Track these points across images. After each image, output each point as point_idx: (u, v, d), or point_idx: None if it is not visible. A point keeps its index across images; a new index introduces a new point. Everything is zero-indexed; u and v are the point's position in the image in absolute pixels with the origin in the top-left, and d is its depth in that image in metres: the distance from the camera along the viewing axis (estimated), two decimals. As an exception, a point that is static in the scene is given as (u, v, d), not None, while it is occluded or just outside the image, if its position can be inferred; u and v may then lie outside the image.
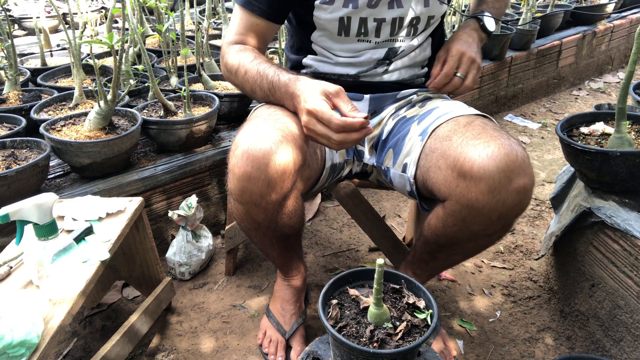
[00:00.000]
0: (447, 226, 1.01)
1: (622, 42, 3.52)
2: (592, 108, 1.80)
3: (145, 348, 1.30)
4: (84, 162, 1.41)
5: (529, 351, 1.28)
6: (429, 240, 1.08)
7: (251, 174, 0.95)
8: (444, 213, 1.01)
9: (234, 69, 1.12)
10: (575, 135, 1.25)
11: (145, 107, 1.70)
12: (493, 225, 0.98)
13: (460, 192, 0.94)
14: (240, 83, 1.13)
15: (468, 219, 0.97)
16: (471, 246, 1.06)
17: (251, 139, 0.96)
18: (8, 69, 1.82)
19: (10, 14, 3.64)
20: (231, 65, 1.12)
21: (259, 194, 0.97)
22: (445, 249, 1.08)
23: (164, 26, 1.88)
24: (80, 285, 0.92)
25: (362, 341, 0.80)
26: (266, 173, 0.95)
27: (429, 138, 1.07)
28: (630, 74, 1.07)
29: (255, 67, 1.08)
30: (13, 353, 0.76)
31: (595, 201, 1.18)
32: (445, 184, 0.98)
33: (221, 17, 2.36)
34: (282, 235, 1.10)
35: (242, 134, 1.00)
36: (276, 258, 1.22)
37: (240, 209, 1.04)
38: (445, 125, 1.06)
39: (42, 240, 0.88)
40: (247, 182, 0.96)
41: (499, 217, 0.95)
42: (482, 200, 0.92)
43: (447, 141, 1.01)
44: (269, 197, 0.98)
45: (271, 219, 1.03)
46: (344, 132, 0.92)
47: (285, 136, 0.97)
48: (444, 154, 0.99)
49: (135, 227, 1.22)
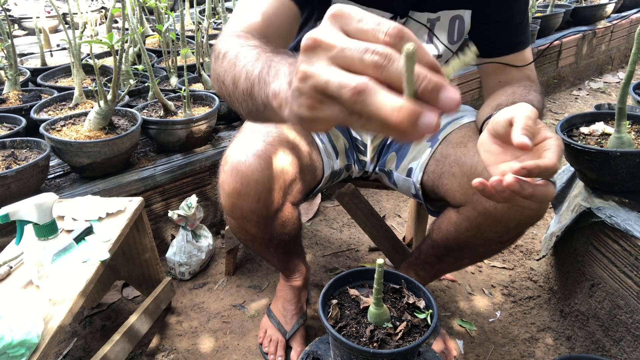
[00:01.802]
0: (460, 231, 1.00)
1: (622, 42, 3.52)
2: (592, 108, 1.80)
3: (145, 348, 1.30)
4: (84, 162, 1.41)
5: (529, 351, 1.28)
6: (437, 244, 1.07)
7: (240, 190, 0.93)
8: (457, 218, 0.99)
9: (223, 51, 0.70)
10: (575, 135, 1.25)
11: (145, 107, 1.70)
12: (509, 233, 0.97)
13: (478, 199, 0.93)
14: (222, 71, 0.68)
15: (484, 225, 0.96)
16: (482, 251, 1.06)
17: (240, 154, 0.93)
18: (8, 69, 1.82)
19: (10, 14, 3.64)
20: (220, 49, 0.72)
21: (249, 210, 0.95)
22: (454, 253, 1.07)
23: (164, 26, 1.88)
24: (80, 285, 0.92)
25: (362, 341, 0.80)
26: (255, 189, 0.92)
27: (440, 144, 1.06)
28: (630, 74, 1.07)
29: (255, 49, 0.66)
30: (13, 353, 0.76)
31: (595, 201, 1.18)
32: (461, 191, 0.97)
33: (221, 17, 2.36)
34: (279, 242, 1.09)
35: (231, 148, 0.96)
36: (276, 263, 1.22)
37: (234, 223, 1.03)
38: (458, 132, 1.05)
39: (42, 240, 0.88)
40: (236, 199, 0.94)
41: (517, 225, 0.94)
42: (500, 208, 0.91)
43: (461, 147, 1.00)
44: (260, 212, 0.96)
45: (265, 230, 1.02)
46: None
47: (275, 149, 0.94)
48: (459, 161, 0.98)
49: (135, 227, 1.22)
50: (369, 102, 0.34)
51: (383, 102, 0.34)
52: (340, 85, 0.35)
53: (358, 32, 0.37)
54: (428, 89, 0.34)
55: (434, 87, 0.34)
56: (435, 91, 0.34)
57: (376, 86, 0.34)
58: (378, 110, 0.34)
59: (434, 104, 0.34)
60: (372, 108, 0.34)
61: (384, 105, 0.33)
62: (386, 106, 0.33)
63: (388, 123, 0.33)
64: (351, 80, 0.35)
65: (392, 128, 0.34)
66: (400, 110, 0.33)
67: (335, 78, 0.36)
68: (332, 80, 0.36)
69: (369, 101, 0.34)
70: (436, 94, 0.34)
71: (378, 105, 0.34)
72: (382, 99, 0.34)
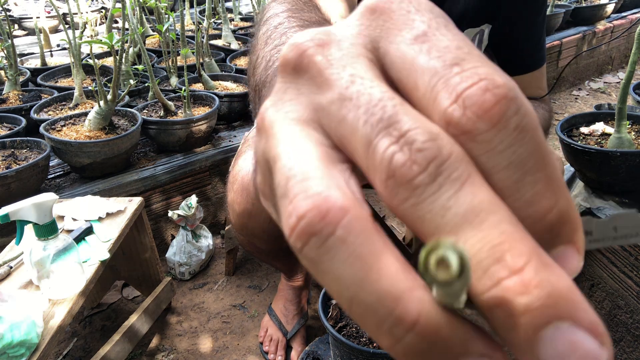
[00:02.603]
0: None
1: (622, 42, 3.52)
2: (592, 108, 1.80)
3: (145, 348, 1.30)
4: (84, 162, 1.41)
5: (529, 351, 1.28)
6: None
7: (252, 211, 0.88)
8: None
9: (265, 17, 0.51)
10: (575, 135, 1.25)
11: (145, 107, 1.70)
12: None
13: None
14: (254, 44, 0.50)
15: None
16: None
17: (250, 173, 0.87)
18: (8, 69, 1.82)
19: (10, 14, 3.64)
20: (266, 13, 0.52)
21: (260, 230, 0.92)
22: None
23: (164, 26, 1.88)
24: (80, 285, 0.92)
25: (362, 341, 0.80)
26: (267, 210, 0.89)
27: None
28: (630, 74, 1.07)
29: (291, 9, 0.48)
30: (13, 353, 0.76)
31: (595, 201, 1.18)
32: None
33: (221, 17, 2.36)
34: (286, 252, 1.08)
35: (240, 164, 0.88)
36: (280, 267, 1.22)
37: (243, 239, 1.00)
38: None
39: (42, 240, 0.88)
40: (247, 219, 0.90)
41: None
42: None
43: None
44: (272, 231, 0.92)
45: (274, 244, 0.99)
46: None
47: None
48: None
49: (135, 227, 1.22)
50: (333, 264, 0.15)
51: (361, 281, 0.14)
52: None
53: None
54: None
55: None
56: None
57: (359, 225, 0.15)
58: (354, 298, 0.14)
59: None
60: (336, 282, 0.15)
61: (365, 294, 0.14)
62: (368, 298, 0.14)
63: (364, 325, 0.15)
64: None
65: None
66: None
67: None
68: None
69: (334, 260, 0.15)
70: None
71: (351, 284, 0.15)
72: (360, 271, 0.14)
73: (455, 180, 0.14)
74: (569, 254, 0.15)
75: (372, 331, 0.14)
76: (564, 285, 0.13)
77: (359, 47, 0.17)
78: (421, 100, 0.16)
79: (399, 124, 0.15)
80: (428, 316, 0.13)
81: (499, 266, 0.14)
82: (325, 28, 0.18)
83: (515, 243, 0.14)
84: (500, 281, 0.13)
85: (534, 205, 0.15)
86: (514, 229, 0.14)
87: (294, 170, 0.16)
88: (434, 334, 0.13)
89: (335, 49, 0.17)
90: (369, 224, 0.15)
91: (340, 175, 0.16)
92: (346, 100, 0.16)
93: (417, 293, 0.14)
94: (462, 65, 0.15)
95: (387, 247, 0.14)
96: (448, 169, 0.14)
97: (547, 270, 0.14)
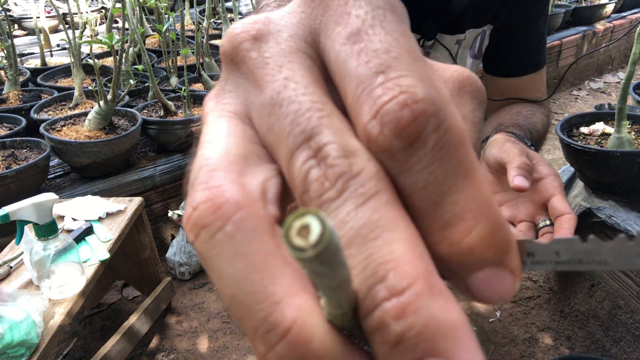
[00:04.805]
0: None
1: (622, 42, 3.52)
2: (592, 108, 1.80)
3: (145, 348, 1.30)
4: (84, 162, 1.41)
5: (529, 351, 1.28)
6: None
7: None
8: None
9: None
10: (575, 135, 1.25)
11: (145, 107, 1.70)
12: None
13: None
14: None
15: None
16: None
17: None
18: (8, 69, 1.82)
19: (10, 14, 3.64)
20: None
21: None
22: None
23: (164, 26, 1.88)
24: (80, 285, 0.92)
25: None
26: None
27: None
28: (630, 74, 1.07)
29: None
30: (13, 353, 0.76)
31: (595, 201, 1.18)
32: None
33: (221, 17, 2.36)
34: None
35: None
36: None
37: None
38: None
39: (42, 240, 0.88)
40: None
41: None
42: None
43: None
44: None
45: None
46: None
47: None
48: None
49: (135, 227, 1.22)
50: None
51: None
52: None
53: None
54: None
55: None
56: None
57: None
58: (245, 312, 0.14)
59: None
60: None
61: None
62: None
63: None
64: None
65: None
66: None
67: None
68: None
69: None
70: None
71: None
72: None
73: (359, 196, 0.14)
74: (498, 276, 0.14)
75: (249, 335, 0.13)
76: (448, 318, 0.12)
77: (299, 41, 0.16)
78: (350, 110, 0.15)
79: (319, 136, 0.14)
80: (303, 325, 0.12)
81: (381, 286, 0.13)
82: (265, 14, 0.17)
83: (403, 263, 0.13)
84: (380, 302, 0.12)
85: (450, 227, 0.14)
86: (408, 249, 0.13)
87: (208, 160, 0.15)
88: (305, 346, 0.12)
89: (273, 43, 0.16)
90: (265, 225, 0.14)
91: (257, 173, 0.15)
92: (276, 107, 0.15)
93: (297, 300, 0.13)
94: (386, 74, 0.14)
95: (279, 250, 0.14)
96: (354, 184, 0.14)
97: (431, 297, 0.12)
